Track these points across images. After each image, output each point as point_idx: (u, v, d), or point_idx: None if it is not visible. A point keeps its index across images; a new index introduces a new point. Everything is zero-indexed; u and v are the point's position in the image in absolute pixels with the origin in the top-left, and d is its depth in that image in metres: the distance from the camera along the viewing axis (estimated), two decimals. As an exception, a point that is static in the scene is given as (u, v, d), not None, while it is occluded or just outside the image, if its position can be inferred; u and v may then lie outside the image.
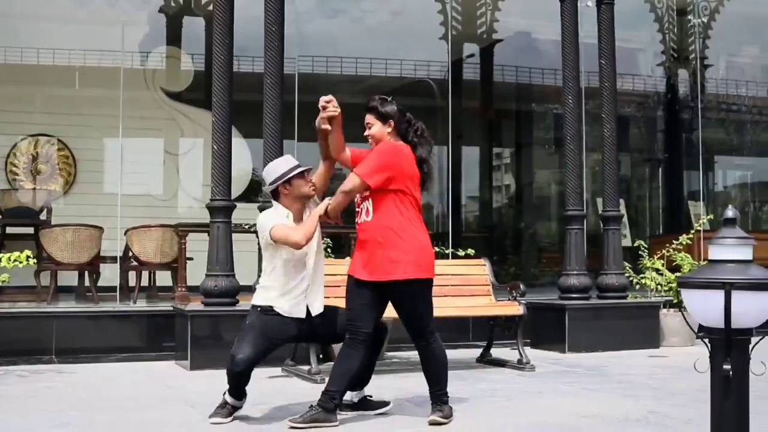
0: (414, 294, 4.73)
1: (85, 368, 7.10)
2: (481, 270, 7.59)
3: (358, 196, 4.76)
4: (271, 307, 4.94)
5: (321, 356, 6.85)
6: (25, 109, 11.83)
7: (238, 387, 4.90)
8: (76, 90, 11.94)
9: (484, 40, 14.32)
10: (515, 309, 7.23)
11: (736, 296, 2.96)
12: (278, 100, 7.59)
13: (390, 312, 4.94)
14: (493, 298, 7.45)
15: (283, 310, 4.94)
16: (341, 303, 5.00)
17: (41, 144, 12.09)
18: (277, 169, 5.00)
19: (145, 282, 9.60)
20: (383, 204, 4.65)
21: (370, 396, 5.23)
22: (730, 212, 3.10)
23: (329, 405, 4.71)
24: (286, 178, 4.95)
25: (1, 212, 10.37)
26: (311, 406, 4.74)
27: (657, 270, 9.04)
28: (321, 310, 5.02)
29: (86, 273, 9.15)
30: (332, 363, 5.04)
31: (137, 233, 8.99)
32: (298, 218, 4.99)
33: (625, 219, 13.27)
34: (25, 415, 5.13)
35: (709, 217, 9.88)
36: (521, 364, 7.11)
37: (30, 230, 9.63)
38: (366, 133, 4.83)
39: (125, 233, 9.11)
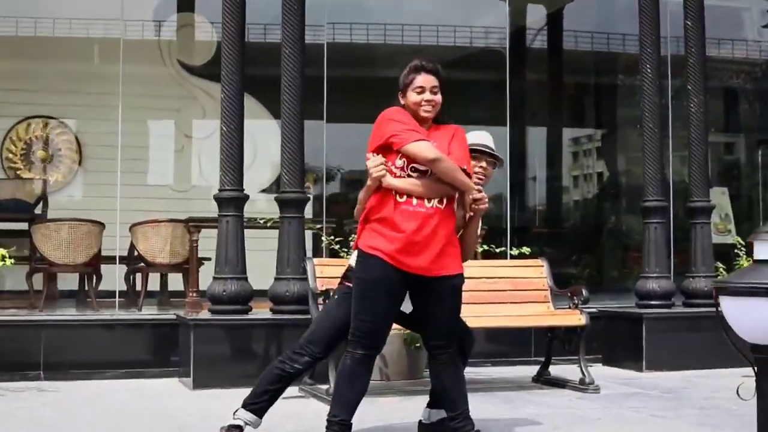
0: (460, 289, 4.68)
1: (71, 386, 7.04)
2: (537, 272, 7.35)
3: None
4: None
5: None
6: (22, 87, 11.86)
7: None
8: (78, 65, 12.00)
9: (553, 2, 14.00)
10: (576, 319, 6.97)
11: (789, 306, 2.70)
12: (298, 74, 7.49)
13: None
14: (551, 306, 7.22)
15: None
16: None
17: (42, 127, 12.17)
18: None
19: (155, 286, 9.63)
20: (454, 196, 4.63)
21: None
22: (782, 200, 2.86)
23: None
24: None
25: (-11, 204, 10.43)
26: None
27: (757, 273, 8.69)
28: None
29: (85, 276, 9.19)
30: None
31: (143, 229, 8.91)
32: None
33: (729, 212, 12.91)
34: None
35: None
36: (583, 385, 6.85)
37: (25, 226, 9.65)
38: (432, 98, 4.59)
39: (130, 229, 9.07)
